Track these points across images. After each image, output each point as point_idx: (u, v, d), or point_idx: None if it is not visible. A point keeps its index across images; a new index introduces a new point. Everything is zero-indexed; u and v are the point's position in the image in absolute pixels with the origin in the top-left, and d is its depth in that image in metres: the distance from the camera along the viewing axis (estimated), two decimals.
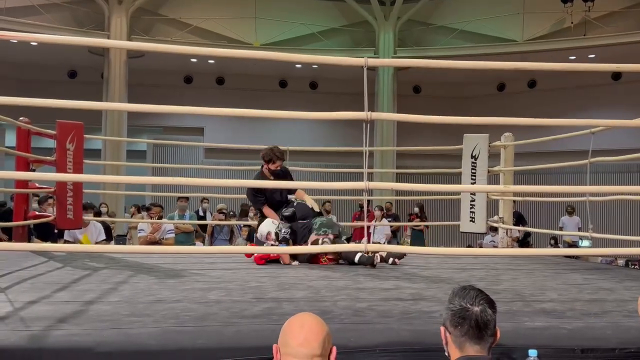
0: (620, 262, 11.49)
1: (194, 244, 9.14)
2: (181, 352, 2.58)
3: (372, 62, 3.43)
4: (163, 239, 7.84)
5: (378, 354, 2.63)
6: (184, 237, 8.73)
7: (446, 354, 2.21)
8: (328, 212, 12.64)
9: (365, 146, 3.32)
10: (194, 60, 17.15)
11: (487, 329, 2.11)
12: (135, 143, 18.85)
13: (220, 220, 10.26)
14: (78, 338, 2.61)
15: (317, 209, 5.98)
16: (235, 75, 17.72)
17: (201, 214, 11.42)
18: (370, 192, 13.35)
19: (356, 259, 5.05)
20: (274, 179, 5.92)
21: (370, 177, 13.73)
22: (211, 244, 10.08)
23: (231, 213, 10.99)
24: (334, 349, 2.05)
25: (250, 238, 9.23)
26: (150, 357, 2.54)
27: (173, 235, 8.01)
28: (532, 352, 2.46)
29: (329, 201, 12.62)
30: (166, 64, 16.89)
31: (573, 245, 13.58)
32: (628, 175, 16.72)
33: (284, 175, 6.13)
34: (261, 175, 6.07)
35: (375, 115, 3.33)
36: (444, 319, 2.19)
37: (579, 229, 13.89)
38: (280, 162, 6.02)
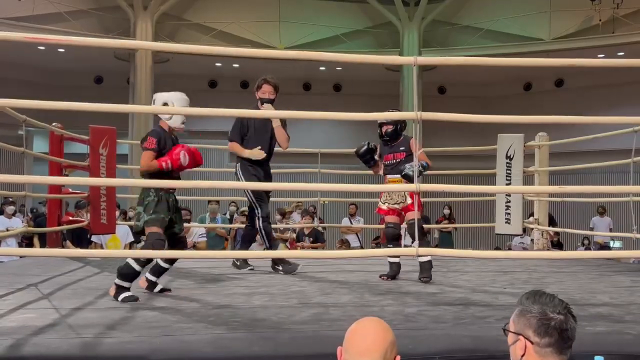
0: None
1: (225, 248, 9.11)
2: None
3: (422, 60, 3.35)
4: (195, 242, 7.81)
5: None
6: (216, 240, 8.71)
7: None
8: (353, 215, 12.56)
9: (415, 147, 3.24)
10: (218, 64, 17.19)
11: (573, 339, 2.01)
12: None
13: (242, 223, 10.18)
14: (132, 346, 2.56)
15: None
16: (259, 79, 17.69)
17: (228, 217, 11.39)
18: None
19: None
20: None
21: None
22: (233, 247, 9.97)
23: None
24: (398, 359, 1.96)
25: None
26: None
27: (205, 238, 7.99)
28: (599, 359, 2.37)
29: (354, 204, 12.52)
30: (191, 69, 16.93)
31: (605, 246, 13.36)
32: None
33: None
34: (255, 108, 5.32)
35: (425, 115, 3.25)
36: (522, 327, 2.06)
37: (610, 230, 13.68)
38: (271, 89, 5.24)
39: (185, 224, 7.99)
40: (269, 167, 5.45)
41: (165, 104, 4.19)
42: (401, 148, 4.85)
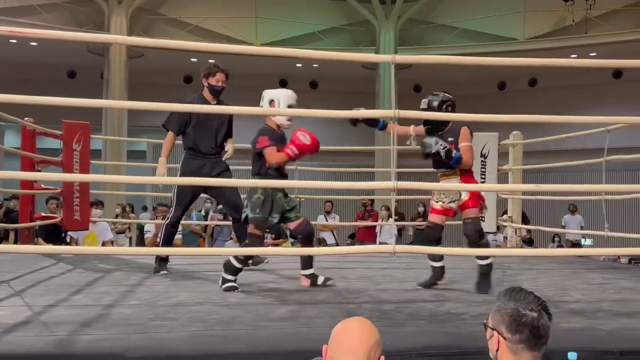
0: (623, 260, 11.46)
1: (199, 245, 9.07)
2: (214, 357, 2.51)
3: (400, 58, 3.36)
4: None
5: (415, 358, 2.57)
6: (191, 237, 8.66)
7: (492, 358, 2.14)
8: (329, 213, 12.58)
9: (393, 144, 3.26)
10: (194, 59, 17.03)
11: (546, 336, 2.04)
12: (135, 143, 18.71)
13: (219, 220, 10.15)
14: (107, 343, 2.54)
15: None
16: (235, 75, 17.48)
17: (204, 214, 11.32)
18: (372, 191, 13.15)
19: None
20: (215, 103, 4.94)
21: (372, 176, 13.70)
22: (211, 245, 9.94)
23: None
24: (382, 358, 1.98)
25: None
26: None
27: (180, 235, 7.93)
28: (572, 355, 2.40)
29: (330, 201, 12.54)
30: (166, 64, 16.76)
31: (576, 244, 13.57)
32: (627, 173, 16.72)
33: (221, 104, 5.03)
34: (200, 98, 4.97)
35: (402, 113, 3.27)
36: (496, 323, 2.10)
37: (581, 228, 13.90)
38: (223, 76, 4.92)
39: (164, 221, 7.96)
40: (222, 162, 5.10)
41: (271, 101, 4.23)
42: (449, 139, 4.17)
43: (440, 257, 4.37)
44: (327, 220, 12.15)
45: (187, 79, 18.26)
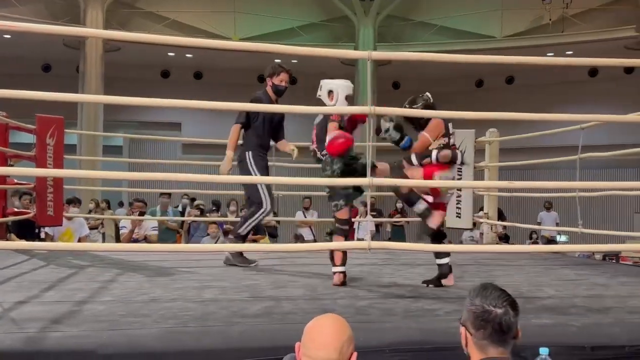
0: (597, 256, 11.61)
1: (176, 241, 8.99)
2: (186, 354, 2.49)
3: (376, 55, 3.36)
4: (147, 235, 7.69)
5: (388, 354, 2.57)
6: (167, 233, 8.59)
7: (465, 352, 2.16)
8: (307, 209, 12.57)
9: (369, 141, 3.25)
10: (171, 54, 16.93)
11: (510, 332, 2.05)
12: (111, 138, 18.51)
13: (196, 216, 10.09)
14: (78, 340, 2.50)
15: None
16: (213, 70, 17.52)
17: (180, 209, 11.23)
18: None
19: None
20: (277, 102, 5.12)
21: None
22: (188, 241, 9.86)
23: (213, 208, 10.81)
24: (355, 355, 1.99)
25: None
26: (155, 359, 2.45)
27: (156, 232, 7.87)
28: (544, 350, 2.41)
29: (308, 197, 12.53)
30: (143, 58, 16.62)
31: (551, 240, 13.72)
32: (603, 171, 16.94)
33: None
34: (264, 95, 5.15)
35: (379, 109, 3.26)
36: (464, 319, 2.12)
37: (557, 224, 14.06)
38: (287, 76, 5.12)
39: (140, 217, 7.89)
40: None
41: (330, 91, 4.24)
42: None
43: (445, 254, 4.25)
44: (305, 217, 12.14)
45: (165, 74, 18.13)
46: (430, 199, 4.20)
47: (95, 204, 11.31)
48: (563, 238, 14.27)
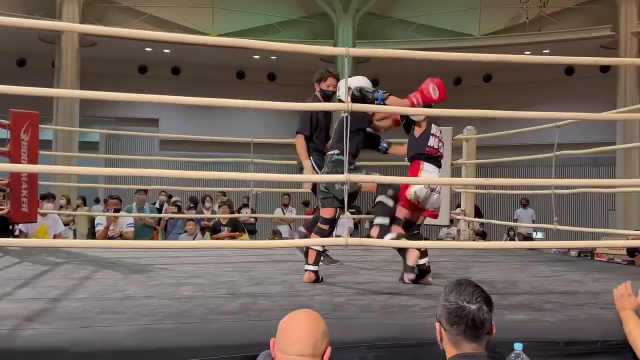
0: (573, 253, 11.76)
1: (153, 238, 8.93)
2: (161, 351, 2.47)
3: (354, 51, 3.35)
4: (123, 232, 7.61)
5: (364, 350, 2.57)
6: (144, 230, 8.52)
7: (441, 348, 2.17)
8: (286, 206, 12.56)
9: (346, 138, 3.25)
10: (148, 49, 16.77)
11: (484, 328, 2.07)
12: (87, 134, 18.32)
13: (173, 213, 10.03)
14: (51, 338, 2.46)
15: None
16: (191, 66, 17.41)
17: (157, 206, 11.15)
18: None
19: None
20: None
21: None
22: (165, 238, 9.79)
23: (191, 205, 10.76)
24: (329, 349, 1.99)
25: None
26: (130, 357, 2.42)
27: (132, 228, 7.79)
28: (518, 346, 2.44)
29: (287, 194, 12.53)
30: (120, 53, 16.45)
31: (528, 237, 13.86)
32: (578, 169, 17.13)
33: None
34: (314, 100, 5.10)
35: (355, 106, 3.26)
36: (439, 315, 2.13)
37: (533, 221, 14.21)
38: (334, 81, 5.06)
39: (115, 214, 7.81)
40: None
41: (349, 89, 4.20)
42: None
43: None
44: (284, 214, 12.14)
45: (142, 69, 17.97)
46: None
47: (67, 201, 11.16)
48: (539, 235, 14.42)
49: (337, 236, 5.68)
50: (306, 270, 4.18)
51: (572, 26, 15.64)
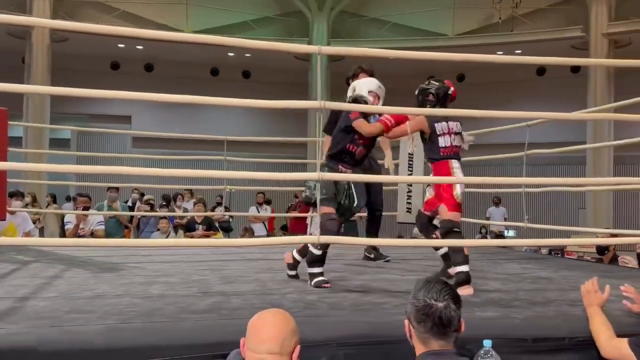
0: (544, 250, 11.93)
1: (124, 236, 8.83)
2: (130, 350, 2.44)
3: (326, 50, 3.36)
4: (93, 230, 7.52)
5: (335, 347, 2.58)
6: (116, 228, 8.42)
7: (411, 345, 2.19)
8: (261, 204, 12.52)
9: (318, 136, 3.25)
10: (121, 45, 16.60)
11: (451, 325, 2.09)
12: (58, 131, 18.07)
13: (145, 211, 9.95)
14: (19, 337, 2.43)
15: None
16: (165, 63, 17.27)
17: (130, 204, 11.04)
18: (303, 183, 13.21)
19: None
20: None
21: (305, 167, 13.71)
22: (137, 236, 9.69)
23: (163, 203, 10.67)
24: (298, 348, 2.00)
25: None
26: (98, 356, 2.40)
27: (103, 226, 7.70)
28: (487, 343, 2.46)
29: (262, 192, 12.49)
30: (92, 49, 16.24)
31: (500, 235, 14.03)
32: (548, 168, 17.37)
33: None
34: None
35: (328, 104, 3.27)
36: (408, 313, 2.15)
37: (505, 219, 14.38)
38: (366, 76, 5.02)
39: (84, 212, 7.70)
40: None
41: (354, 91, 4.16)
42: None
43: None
44: (259, 212, 12.10)
45: (114, 65, 17.78)
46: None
47: (32, 198, 10.98)
48: (511, 233, 14.61)
49: (311, 234, 5.70)
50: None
51: (544, 27, 15.85)
